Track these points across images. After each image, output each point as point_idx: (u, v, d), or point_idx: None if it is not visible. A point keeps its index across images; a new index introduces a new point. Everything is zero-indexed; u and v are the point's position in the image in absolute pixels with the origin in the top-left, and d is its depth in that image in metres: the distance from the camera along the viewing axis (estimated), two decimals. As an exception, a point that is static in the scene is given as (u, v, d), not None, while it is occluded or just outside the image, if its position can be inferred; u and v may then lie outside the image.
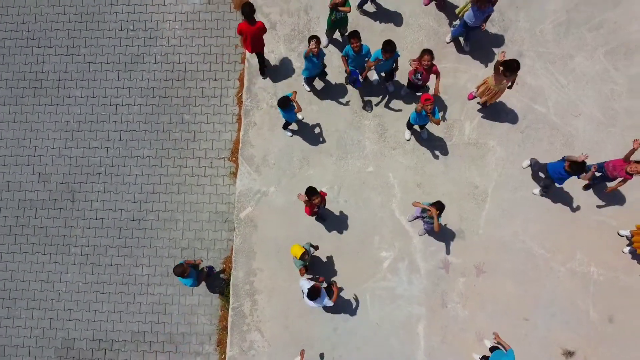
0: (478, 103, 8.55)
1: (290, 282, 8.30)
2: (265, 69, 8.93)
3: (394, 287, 8.23)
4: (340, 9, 7.83)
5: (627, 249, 8.08)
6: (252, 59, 9.01)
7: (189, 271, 7.42)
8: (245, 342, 8.22)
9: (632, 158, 7.25)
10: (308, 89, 8.81)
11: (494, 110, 8.58)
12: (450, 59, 8.83)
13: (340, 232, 8.39)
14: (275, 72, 9.04)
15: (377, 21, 9.06)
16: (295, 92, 7.78)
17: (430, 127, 8.51)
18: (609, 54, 8.70)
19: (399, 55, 7.86)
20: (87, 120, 9.44)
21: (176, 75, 9.49)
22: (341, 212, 8.47)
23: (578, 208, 8.29)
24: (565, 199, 8.34)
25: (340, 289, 8.08)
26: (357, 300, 8.19)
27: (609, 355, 7.93)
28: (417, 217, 8.04)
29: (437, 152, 8.53)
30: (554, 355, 7.97)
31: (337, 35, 8.98)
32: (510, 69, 7.24)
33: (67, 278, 9.04)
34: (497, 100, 8.20)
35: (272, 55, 9.08)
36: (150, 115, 9.38)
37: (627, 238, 8.07)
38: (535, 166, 8.15)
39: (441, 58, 8.72)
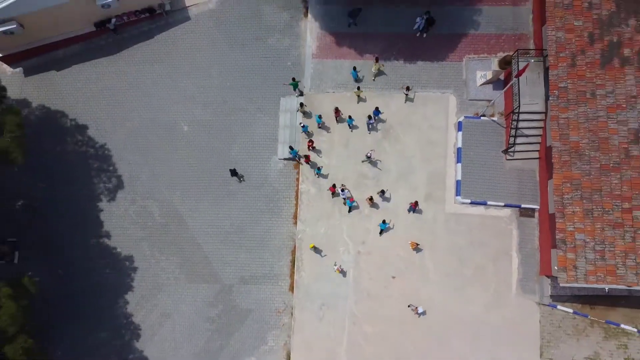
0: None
1: (312, 257, 27.70)
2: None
3: (344, 259, 27.70)
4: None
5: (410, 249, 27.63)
6: (305, 187, 28.57)
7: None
8: (300, 274, 27.74)
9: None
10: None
11: (374, 207, 28.12)
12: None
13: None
14: (308, 204, 28.55)
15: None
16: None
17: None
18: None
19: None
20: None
21: (277, 191, 29.02)
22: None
23: (400, 229, 27.74)
24: (396, 232, 27.79)
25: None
26: (335, 263, 27.65)
27: (413, 277, 27.33)
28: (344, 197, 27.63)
29: (356, 214, 28.09)
30: (388, 277, 27.36)
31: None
32: (370, 201, 26.93)
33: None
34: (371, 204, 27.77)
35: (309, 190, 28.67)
36: (263, 207, 28.89)
37: (417, 244, 27.47)
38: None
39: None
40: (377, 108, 27.65)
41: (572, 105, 23.58)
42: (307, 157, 28.02)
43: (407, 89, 27.68)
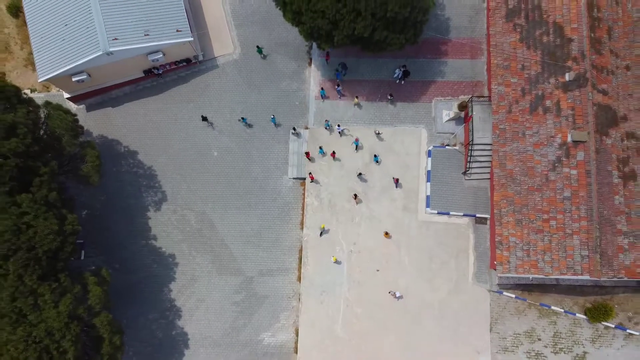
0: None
1: (315, 255, 35.82)
2: None
3: (340, 256, 35.79)
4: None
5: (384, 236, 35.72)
6: (309, 200, 36.65)
7: None
8: (305, 268, 35.87)
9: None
10: None
11: (360, 205, 36.22)
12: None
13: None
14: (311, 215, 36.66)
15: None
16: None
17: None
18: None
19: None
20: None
21: (287, 203, 37.11)
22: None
23: (382, 234, 35.86)
24: (379, 235, 35.89)
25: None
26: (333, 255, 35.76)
27: (393, 269, 35.44)
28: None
29: (348, 221, 36.22)
30: (373, 270, 35.48)
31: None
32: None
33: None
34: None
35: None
36: (276, 216, 36.98)
37: (387, 232, 35.49)
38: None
39: (352, 201, 36.40)
40: (344, 64, 36.27)
41: (509, 142, 31.68)
42: (310, 175, 36.06)
43: (391, 95, 36.08)
